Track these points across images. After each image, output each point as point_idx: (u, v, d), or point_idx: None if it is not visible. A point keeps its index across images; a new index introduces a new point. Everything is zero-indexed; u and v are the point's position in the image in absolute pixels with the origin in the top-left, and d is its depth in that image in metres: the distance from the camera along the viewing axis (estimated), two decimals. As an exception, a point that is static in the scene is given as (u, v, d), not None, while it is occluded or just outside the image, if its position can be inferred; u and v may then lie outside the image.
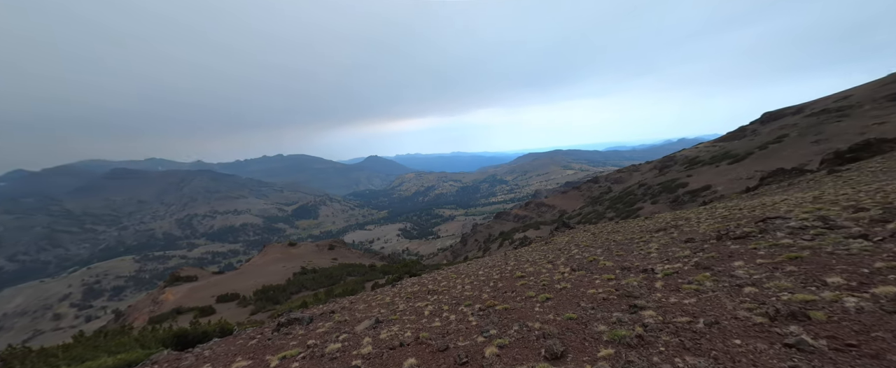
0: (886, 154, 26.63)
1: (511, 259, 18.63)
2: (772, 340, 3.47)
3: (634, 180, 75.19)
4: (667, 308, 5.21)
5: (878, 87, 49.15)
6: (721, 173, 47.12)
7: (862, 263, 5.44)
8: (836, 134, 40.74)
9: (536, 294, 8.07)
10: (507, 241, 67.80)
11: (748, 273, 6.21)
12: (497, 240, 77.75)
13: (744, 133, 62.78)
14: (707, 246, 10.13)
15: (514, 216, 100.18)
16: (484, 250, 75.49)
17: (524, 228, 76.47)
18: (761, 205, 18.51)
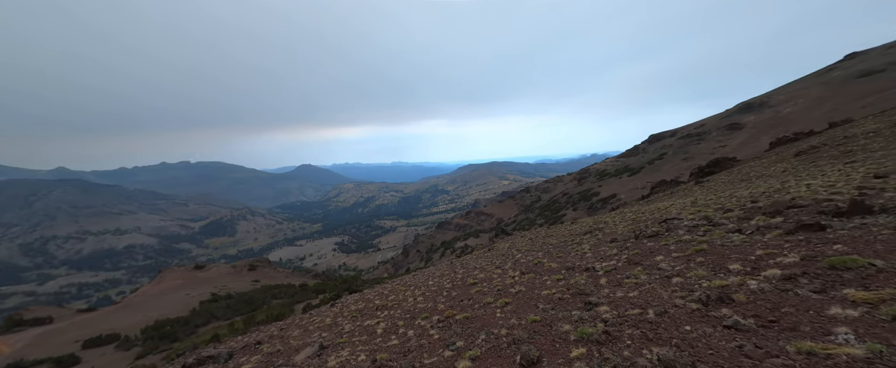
0: (730, 169, 34.08)
1: (459, 267, 18.60)
2: (713, 323, 3.92)
3: (559, 190, 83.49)
4: (617, 303, 5.60)
5: (720, 119, 64.54)
6: (623, 184, 55.54)
7: (747, 252, 6.64)
8: (697, 153, 51.73)
9: (494, 299, 8.06)
10: (450, 250, 68.41)
11: (670, 265, 7.10)
12: (439, 250, 77.90)
13: (637, 151, 75.68)
14: (629, 244, 11.41)
15: (455, 225, 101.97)
16: (426, 260, 74.80)
17: (465, 237, 78.20)
18: (657, 209, 21.92)
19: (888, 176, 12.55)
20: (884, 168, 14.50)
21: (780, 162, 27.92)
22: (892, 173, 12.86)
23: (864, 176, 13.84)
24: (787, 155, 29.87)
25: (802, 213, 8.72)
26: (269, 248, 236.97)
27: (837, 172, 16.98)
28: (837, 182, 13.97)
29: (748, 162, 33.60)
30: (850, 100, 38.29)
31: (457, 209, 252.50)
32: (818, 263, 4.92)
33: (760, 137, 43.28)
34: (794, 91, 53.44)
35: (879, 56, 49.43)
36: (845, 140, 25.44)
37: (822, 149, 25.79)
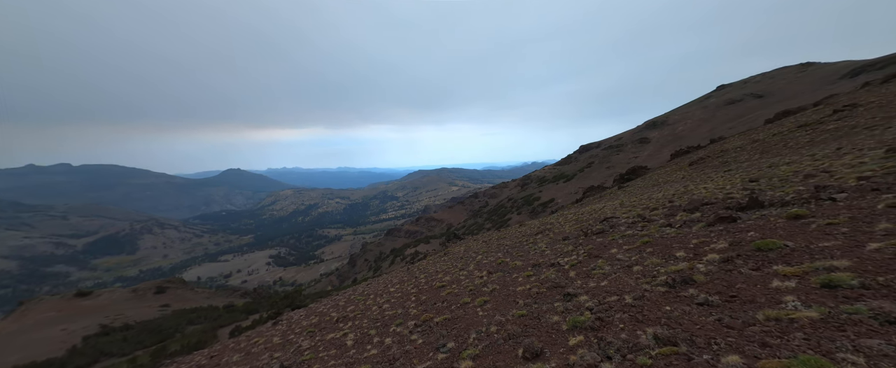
0: (644, 176, 39.30)
1: (418, 272, 18.14)
2: (687, 302, 4.34)
3: (505, 195, 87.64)
4: (594, 292, 5.92)
5: (633, 134, 75.41)
6: (560, 189, 60.87)
7: (685, 241, 7.59)
8: (617, 162, 59.38)
9: (471, 299, 7.95)
10: (400, 258, 66.66)
11: (626, 256, 7.79)
12: (389, 258, 75.46)
13: (570, 160, 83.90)
14: (581, 240, 12.29)
15: (405, 232, 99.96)
16: (375, 269, 71.78)
17: (416, 243, 77.05)
18: (593, 211, 24.18)
19: (758, 180, 15.54)
20: (753, 174, 17.94)
21: (679, 170, 32.84)
22: (760, 178, 15.94)
23: (742, 180, 16.92)
24: (684, 164, 35.15)
25: (713, 209, 10.32)
26: (184, 266, 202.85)
27: (722, 178, 20.49)
28: (725, 185, 16.85)
29: (656, 169, 39.02)
30: (722, 122, 47.92)
31: (407, 215, 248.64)
32: (746, 247, 5.82)
33: (662, 150, 51.65)
34: (684, 113, 65.18)
35: (739, 88, 63.21)
36: (722, 153, 31.04)
37: (707, 160, 31.08)
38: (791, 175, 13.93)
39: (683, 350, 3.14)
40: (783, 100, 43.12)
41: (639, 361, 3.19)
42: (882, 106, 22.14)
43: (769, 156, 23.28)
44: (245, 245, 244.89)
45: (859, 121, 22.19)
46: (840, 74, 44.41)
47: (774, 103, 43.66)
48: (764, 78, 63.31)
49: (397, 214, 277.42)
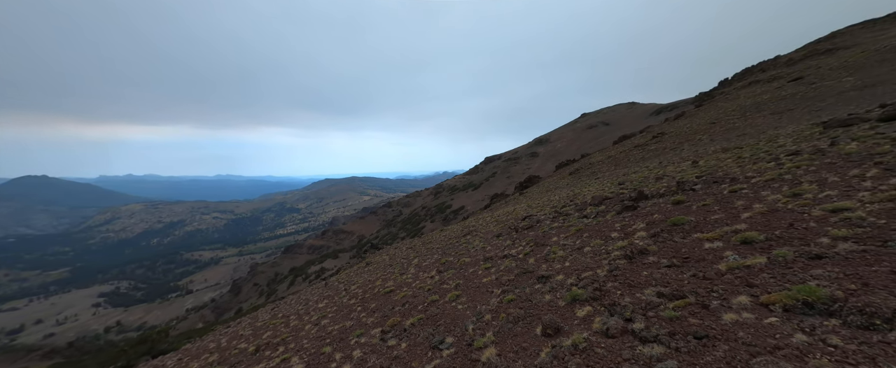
0: (538, 183, 45.56)
1: (342, 285, 16.21)
2: (656, 267, 4.99)
3: (418, 204, 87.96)
4: (565, 272, 6.27)
5: (526, 149, 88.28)
6: (469, 197, 65.34)
7: (610, 226, 8.93)
8: (516, 173, 68.02)
9: (440, 297, 7.39)
10: (302, 277, 58.55)
11: (571, 242, 8.64)
12: (287, 279, 65.36)
13: (477, 170, 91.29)
14: (514, 235, 13.12)
15: (308, 247, 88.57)
16: (269, 294, 60.98)
17: (321, 259, 69.14)
18: (508, 213, 26.46)
19: (624, 183, 19.78)
20: (619, 179, 22.78)
21: (563, 178, 39.23)
22: (625, 181, 20.31)
23: (612, 183, 21.22)
24: (565, 174, 42.07)
25: (613, 203, 12.58)
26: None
27: (597, 183, 25.32)
28: (604, 187, 20.83)
29: (546, 178, 45.70)
30: (586, 141, 61.07)
31: (311, 229, 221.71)
32: (661, 224, 7.18)
33: (548, 162, 62.00)
34: (560, 134, 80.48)
35: (594, 117, 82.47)
36: (590, 165, 38.59)
37: (582, 170, 38.13)
38: (643, 179, 18.19)
39: (693, 301, 3.53)
40: (622, 128, 58.72)
41: (664, 315, 3.43)
42: (677, 135, 31.60)
43: (621, 167, 30.08)
44: (53, 283, 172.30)
45: (667, 144, 31.06)
46: (650, 112, 63.46)
47: (617, 129, 59.07)
48: (608, 110, 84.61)
49: (298, 228, 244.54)
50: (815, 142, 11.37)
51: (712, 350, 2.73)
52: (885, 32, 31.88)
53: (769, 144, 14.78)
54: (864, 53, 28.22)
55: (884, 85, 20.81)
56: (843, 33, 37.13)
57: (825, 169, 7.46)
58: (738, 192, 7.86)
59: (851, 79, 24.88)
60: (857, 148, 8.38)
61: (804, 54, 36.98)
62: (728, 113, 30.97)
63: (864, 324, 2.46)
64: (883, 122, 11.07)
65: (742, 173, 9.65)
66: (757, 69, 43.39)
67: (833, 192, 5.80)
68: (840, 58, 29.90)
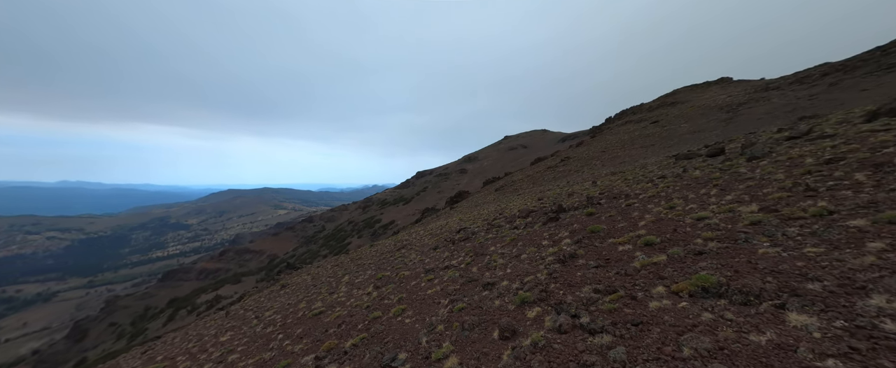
0: (468, 198, 47.70)
1: (252, 313, 13.88)
2: (585, 268, 5.61)
3: (344, 218, 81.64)
4: (508, 278, 6.55)
5: (456, 165, 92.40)
6: (400, 211, 64.01)
7: (539, 235, 9.81)
8: (446, 188, 70.08)
9: (383, 313, 6.84)
10: (186, 310, 47.68)
11: (507, 250, 9.15)
12: (164, 314, 52.13)
13: (408, 184, 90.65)
14: (451, 246, 13.28)
15: (199, 272, 72.59)
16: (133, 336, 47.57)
17: (216, 285, 57.52)
18: (441, 226, 26.74)
19: (542, 198, 22.19)
20: (538, 195, 25.44)
21: (490, 194, 41.89)
22: (545, 197, 22.81)
23: (533, 198, 23.55)
24: (492, 190, 45.00)
25: (537, 215, 13.94)
26: None
27: (520, 198, 27.79)
28: (527, 202, 22.92)
29: (475, 194, 48.16)
30: (508, 161, 67.41)
31: (204, 249, 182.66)
32: (583, 233, 8.23)
33: (475, 179, 65.93)
34: (486, 153, 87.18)
35: (514, 140, 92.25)
36: (513, 183, 42.30)
37: (506, 187, 41.45)
38: (558, 195, 20.73)
39: (624, 294, 4.06)
40: (537, 151, 67.11)
41: (604, 308, 3.84)
42: (579, 159, 37.46)
43: (538, 185, 33.79)
44: None
45: (572, 167, 36.43)
46: (558, 139, 74.34)
47: (533, 152, 67.16)
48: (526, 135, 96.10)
49: (185, 249, 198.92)
50: (672, 169, 14.80)
51: (649, 334, 3.16)
52: (705, 93, 44.54)
53: (643, 170, 18.62)
54: (692, 108, 38.79)
55: (705, 131, 28.89)
56: (680, 92, 50.51)
57: (685, 188, 9.77)
58: (632, 206, 9.59)
59: (687, 125, 33.78)
60: (700, 174, 11.27)
61: (658, 104, 48.78)
62: (613, 144, 38.22)
63: (743, 301, 3.21)
64: (710, 157, 15.25)
65: (632, 191, 11.86)
66: (629, 112, 55.16)
67: (694, 205, 7.61)
68: (679, 109, 40.35)
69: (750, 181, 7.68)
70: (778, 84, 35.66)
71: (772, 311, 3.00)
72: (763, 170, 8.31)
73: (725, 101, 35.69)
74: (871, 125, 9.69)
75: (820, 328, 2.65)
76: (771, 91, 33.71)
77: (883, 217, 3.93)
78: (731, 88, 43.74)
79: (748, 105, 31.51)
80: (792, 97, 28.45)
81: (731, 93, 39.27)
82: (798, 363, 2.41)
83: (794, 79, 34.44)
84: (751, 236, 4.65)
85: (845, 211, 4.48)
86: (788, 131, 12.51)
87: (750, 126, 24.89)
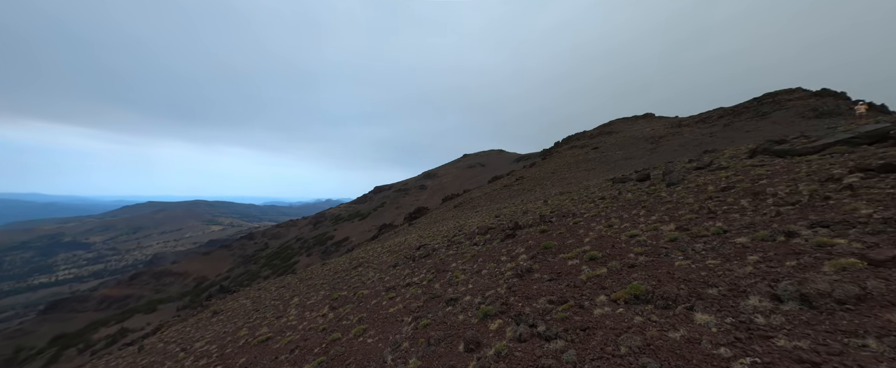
0: (427, 214, 47.69)
1: (176, 346, 12.32)
2: (539, 282, 6.16)
3: (292, 235, 75.32)
4: (470, 293, 6.85)
5: (415, 181, 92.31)
6: (355, 227, 61.30)
7: (498, 251, 10.36)
8: (405, 204, 69.35)
9: (343, 334, 6.60)
10: (77, 348, 39.53)
11: (469, 266, 9.49)
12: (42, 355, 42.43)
13: (365, 199, 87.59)
14: (411, 264, 13.29)
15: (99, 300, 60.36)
16: None
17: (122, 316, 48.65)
18: (398, 243, 26.31)
19: (500, 215, 23.28)
20: (495, 212, 26.55)
21: (449, 210, 42.49)
22: (502, 215, 23.90)
23: (491, 215, 24.54)
24: (451, 206, 45.70)
25: (496, 232, 14.64)
26: None
27: (478, 215, 28.69)
28: (485, 219, 23.78)
29: (434, 210, 48.40)
30: (467, 179, 69.55)
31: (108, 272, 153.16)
32: (537, 249, 8.94)
33: (435, 195, 66.53)
34: (446, 170, 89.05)
35: (473, 158, 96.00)
36: (471, 200, 43.54)
37: (465, 204, 42.49)
38: (513, 212, 21.92)
39: (573, 303, 4.59)
40: (494, 169, 70.63)
41: (557, 316, 4.30)
42: (531, 179, 40.16)
43: (495, 203, 35.27)
44: None
45: (526, 186, 38.85)
46: (513, 159, 79.44)
47: (490, 170, 70.57)
48: (484, 153, 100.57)
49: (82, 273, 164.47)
50: (610, 191, 16.77)
51: (594, 337, 3.66)
52: (634, 125, 51.41)
53: (587, 191, 20.71)
54: (625, 138, 44.46)
55: (636, 159, 33.27)
56: (615, 123, 57.69)
57: (620, 209, 11.22)
58: (578, 224, 10.69)
59: (621, 152, 38.55)
60: (632, 196, 13.02)
61: (598, 132, 54.92)
62: (561, 166, 41.81)
63: (664, 305, 3.92)
64: (639, 182, 17.67)
65: (578, 210, 13.18)
66: (574, 137, 61.18)
67: (628, 224, 8.81)
68: (615, 138, 45.89)
69: (669, 204, 9.16)
70: (688, 122, 42.76)
71: (684, 312, 3.72)
72: (678, 194, 9.95)
73: (650, 133, 41.60)
74: (752, 161, 12.24)
75: (716, 324, 3.38)
76: (683, 127, 40.27)
77: (758, 235, 5.09)
78: (654, 123, 51.19)
79: (667, 138, 37.12)
80: (698, 133, 34.32)
81: (654, 127, 45.95)
82: (701, 352, 3.06)
83: (699, 118, 41.65)
84: (670, 251, 5.61)
85: (734, 230, 5.68)
86: (696, 162, 15.11)
87: (668, 156, 29.31)
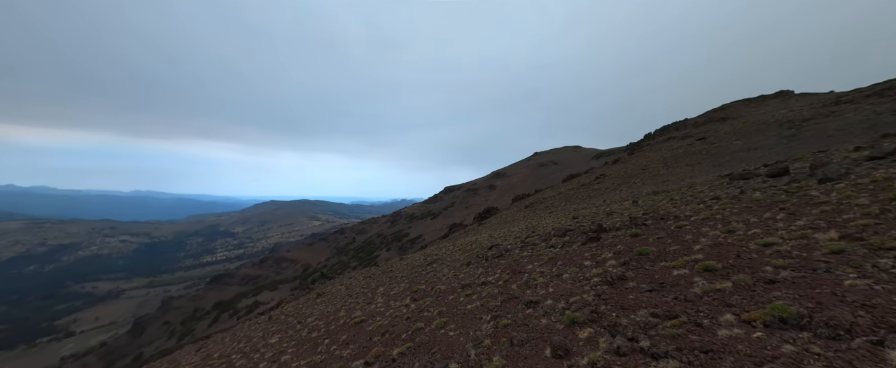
0: (497, 215, 47.11)
1: (294, 318, 14.55)
2: (637, 292, 5.41)
3: (374, 231, 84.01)
4: (551, 296, 6.45)
5: (484, 181, 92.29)
6: (427, 225, 64.71)
7: (579, 255, 9.52)
8: (475, 204, 70.02)
9: (426, 325, 6.99)
10: (228, 313, 50.75)
11: (547, 269, 8.98)
12: (209, 315, 55.98)
13: (436, 199, 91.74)
14: (484, 263, 13.21)
15: (242, 277, 77.67)
16: (183, 335, 51.29)
17: (256, 291, 61.00)
18: (470, 243, 26.59)
19: (579, 216, 21.42)
20: (573, 213, 24.56)
21: (520, 211, 41.11)
22: (580, 216, 21.97)
23: (567, 217, 22.79)
24: (521, 207, 44.18)
25: (575, 234, 13.52)
26: None
27: (552, 216, 26.96)
28: (561, 220, 22.22)
29: (504, 210, 47.51)
30: (538, 178, 66.15)
31: (247, 256, 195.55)
32: (629, 255, 7.90)
33: (504, 195, 65.22)
34: (515, 169, 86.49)
35: (545, 156, 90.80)
36: (544, 200, 41.27)
37: (537, 204, 40.53)
38: (595, 214, 19.89)
39: (686, 319, 3.89)
40: (569, 168, 65.37)
41: (665, 333, 3.70)
42: (616, 177, 35.83)
43: (571, 203, 32.63)
44: None
45: (609, 185, 34.85)
46: (591, 156, 72.04)
47: (564, 169, 65.58)
48: (556, 151, 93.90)
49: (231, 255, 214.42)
50: (726, 190, 13.75)
51: (720, 362, 3.02)
52: (760, 108, 41.20)
53: (691, 190, 17.43)
54: (746, 124, 35.92)
55: (762, 149, 26.53)
56: (731, 106, 47.12)
57: (745, 212, 9.06)
58: (682, 228, 9.05)
59: (740, 142, 31.25)
60: (761, 196, 10.39)
61: (705, 120, 45.74)
62: (654, 162, 36.21)
63: (831, 335, 2.97)
64: (771, 177, 13.98)
65: (681, 212, 11.18)
66: (672, 127, 52.22)
67: (758, 230, 7.05)
68: (731, 125, 37.54)
69: (825, 205, 7.01)
70: (851, 97, 32.18)
71: (867, 347, 2.76)
72: (840, 193, 7.55)
73: (786, 116, 32.74)
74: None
75: (931, 370, 2.41)
76: (842, 105, 30.49)
77: None
78: (792, 102, 40.15)
79: (815, 120, 28.68)
80: (869, 112, 25.51)
81: (793, 108, 35.99)
82: (907, 407, 2.21)
83: (870, 92, 30.95)
84: (833, 266, 4.27)
85: (951, 242, 3.99)
86: (869, 150, 11.27)
87: (818, 144, 22.57)
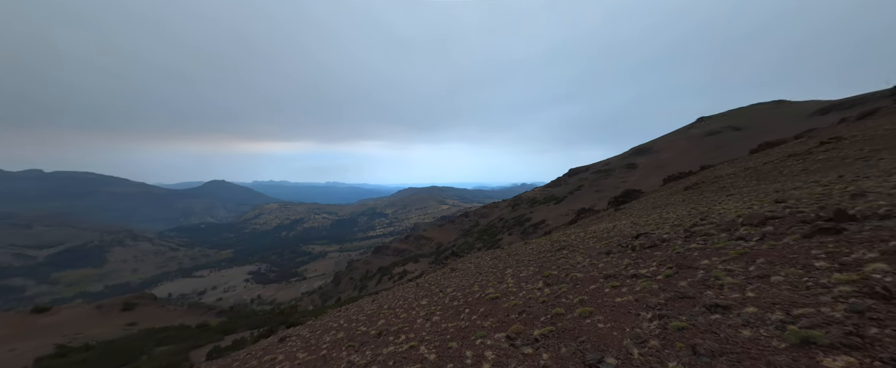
0: (639, 198, 39.56)
1: (434, 287, 16.40)
2: (820, 289, 3.25)
3: (495, 215, 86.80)
4: (753, 303, 4.76)
5: (620, 159, 78.09)
6: (550, 210, 60.96)
7: (797, 252, 6.64)
8: (606, 186, 60.59)
9: (566, 310, 6.57)
10: (387, 276, 63.22)
11: (738, 267, 6.72)
12: (375, 277, 71.57)
13: (560, 182, 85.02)
14: (632, 254, 11.19)
15: (393, 250, 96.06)
16: (360, 289, 67.57)
17: (404, 262, 73.83)
18: (606, 229, 23.29)
19: (788, 199, 15.19)
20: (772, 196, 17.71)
21: (675, 194, 32.99)
22: (786, 199, 15.60)
23: (763, 201, 16.54)
24: (679, 188, 35.40)
25: (786, 222, 9.58)
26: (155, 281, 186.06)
27: (733, 200, 20.23)
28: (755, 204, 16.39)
29: (650, 193, 39.34)
30: (704, 151, 50.37)
31: (395, 233, 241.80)
32: (917, 253, 4.90)
33: (650, 175, 53.21)
34: (668, 142, 68.58)
35: (718, 121, 67.66)
36: (716, 179, 31.53)
37: (703, 185, 31.45)
38: (820, 194, 13.55)
39: None
40: (760, 133, 46.16)
41: None
42: (867, 139, 23.21)
43: (768, 183, 23.49)
44: (223, 260, 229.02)
45: (848, 152, 23.03)
46: (810, 112, 48.14)
47: (752, 135, 46.65)
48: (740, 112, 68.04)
49: (385, 231, 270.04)
50: None
51: None
52: None
53: None
54: None
55: None
56: None
57: None
58: None
59: None
60: None
61: None
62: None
63: None
64: None
65: None
66: None
67: None
68: None
69: None
70: None
71: None
72: None
73: None
74: None
75: None
76: None
77: None
78: None
79: None
80: None
81: None
82: None
83: None
84: None
85: None
86: None
87: None
